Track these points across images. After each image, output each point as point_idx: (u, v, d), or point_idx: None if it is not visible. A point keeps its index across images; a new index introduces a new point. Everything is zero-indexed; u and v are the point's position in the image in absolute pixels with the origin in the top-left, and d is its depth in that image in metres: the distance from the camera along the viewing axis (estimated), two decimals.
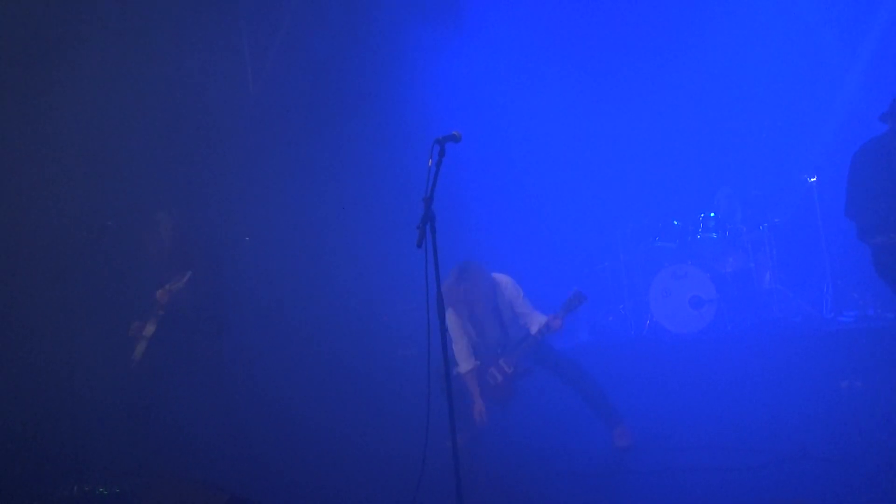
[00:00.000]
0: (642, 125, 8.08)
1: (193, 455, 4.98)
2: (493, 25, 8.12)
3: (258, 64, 7.44)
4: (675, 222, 7.30)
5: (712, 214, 7.09)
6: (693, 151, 7.86)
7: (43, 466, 4.74)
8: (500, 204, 7.90)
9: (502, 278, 5.01)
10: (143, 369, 5.19)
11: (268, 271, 6.69)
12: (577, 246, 7.94)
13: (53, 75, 5.53)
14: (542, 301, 5.12)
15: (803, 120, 7.54)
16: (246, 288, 6.39)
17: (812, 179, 7.02)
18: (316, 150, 7.36)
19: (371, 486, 4.47)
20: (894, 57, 7.16)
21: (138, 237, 5.41)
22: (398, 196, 7.27)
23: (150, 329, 5.16)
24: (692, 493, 3.96)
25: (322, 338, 6.75)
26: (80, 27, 5.63)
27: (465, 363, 4.98)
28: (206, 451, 5.05)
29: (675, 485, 4.09)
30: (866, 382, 5.34)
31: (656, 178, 7.94)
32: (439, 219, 3.46)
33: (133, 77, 5.98)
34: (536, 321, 4.88)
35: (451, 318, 4.91)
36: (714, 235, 7.05)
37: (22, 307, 5.27)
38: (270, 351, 6.28)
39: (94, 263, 5.53)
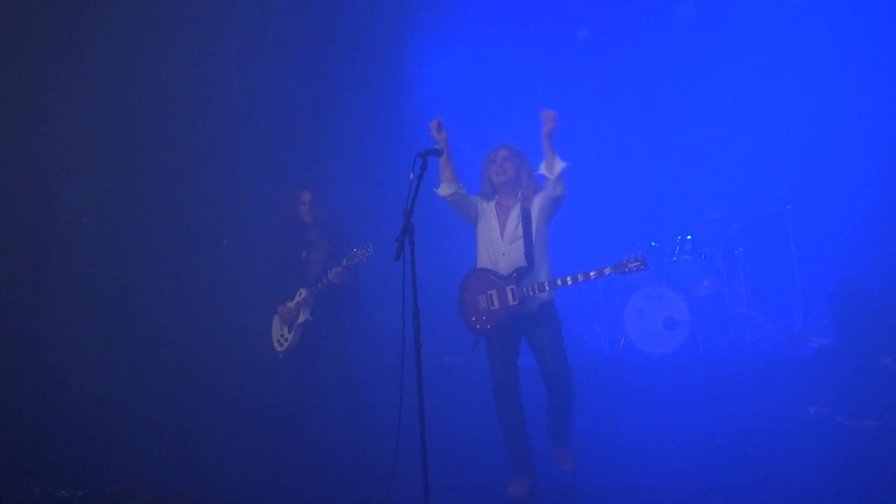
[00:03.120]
0: (623, 147, 8.17)
1: (164, 456, 4.92)
2: (479, 45, 8.18)
3: (244, 68, 7.42)
4: (653, 243, 7.39)
5: (689, 237, 7.19)
6: (672, 175, 7.96)
7: (4, 466, 4.64)
8: None
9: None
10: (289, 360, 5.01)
11: (243, 275, 6.64)
12: (556, 263, 7.99)
13: (43, 75, 5.50)
14: None
15: (780, 149, 7.67)
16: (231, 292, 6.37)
17: (787, 206, 7.16)
18: (297, 157, 7.35)
19: (341, 492, 4.46)
20: (871, 91, 7.33)
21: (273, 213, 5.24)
22: (380, 205, 7.27)
23: (303, 317, 4.98)
24: None
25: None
26: (62, 28, 5.60)
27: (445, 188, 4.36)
28: (180, 453, 4.99)
29: None
30: (833, 409, 5.42)
31: (635, 199, 8.02)
32: (419, 231, 3.48)
33: (118, 79, 5.95)
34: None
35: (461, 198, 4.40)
36: (690, 258, 7.15)
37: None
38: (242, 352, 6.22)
39: (71, 260, 5.49)
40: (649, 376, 6.43)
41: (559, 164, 4.22)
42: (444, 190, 4.41)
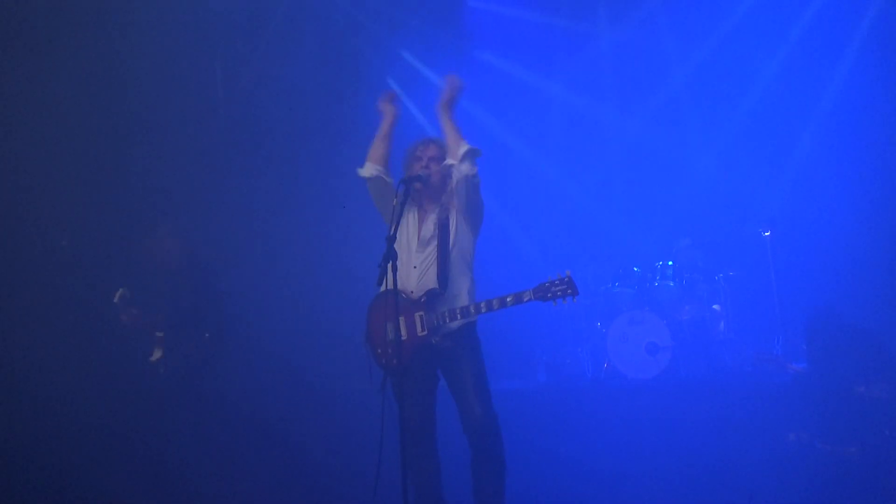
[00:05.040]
0: (607, 173, 8.25)
1: (136, 474, 4.83)
2: (464, 73, 8.26)
3: (229, 87, 7.43)
4: (635, 268, 7.43)
5: (670, 263, 7.25)
6: (654, 201, 8.05)
7: None
8: None
9: None
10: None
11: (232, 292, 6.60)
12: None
13: (18, 88, 5.47)
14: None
15: (759, 176, 7.79)
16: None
17: (766, 233, 7.25)
18: (279, 179, 7.35)
19: None
20: (848, 118, 7.48)
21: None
22: (362, 228, 7.27)
23: (156, 354, 5.00)
24: None
25: (276, 360, 6.70)
26: (39, 43, 5.60)
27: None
28: (153, 472, 4.90)
29: None
30: (812, 435, 5.44)
31: (618, 224, 8.09)
32: None
33: (98, 95, 5.93)
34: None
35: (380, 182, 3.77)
36: (671, 283, 7.20)
37: None
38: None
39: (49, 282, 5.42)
40: (631, 401, 6.44)
41: (464, 146, 3.62)
42: (368, 170, 3.79)
